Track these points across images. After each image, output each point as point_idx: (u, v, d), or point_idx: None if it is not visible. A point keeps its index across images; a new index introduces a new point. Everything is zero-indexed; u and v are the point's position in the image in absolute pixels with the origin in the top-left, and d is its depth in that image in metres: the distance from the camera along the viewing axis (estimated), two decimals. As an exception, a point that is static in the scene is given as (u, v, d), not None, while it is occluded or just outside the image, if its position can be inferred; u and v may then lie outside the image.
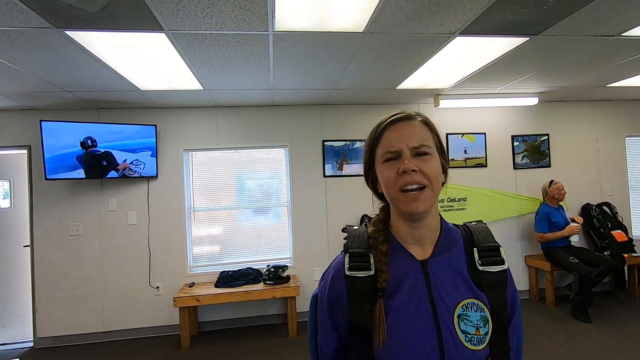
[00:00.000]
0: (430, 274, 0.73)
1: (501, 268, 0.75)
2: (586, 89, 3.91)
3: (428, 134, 0.76)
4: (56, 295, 3.63)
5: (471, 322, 0.70)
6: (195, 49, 2.38)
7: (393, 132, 0.75)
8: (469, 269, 0.75)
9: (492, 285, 0.74)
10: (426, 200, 0.72)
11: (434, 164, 0.73)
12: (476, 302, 0.72)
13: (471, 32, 2.29)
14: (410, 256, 0.75)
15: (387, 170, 0.74)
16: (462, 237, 0.79)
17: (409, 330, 0.69)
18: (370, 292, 0.72)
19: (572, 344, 3.11)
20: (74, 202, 3.69)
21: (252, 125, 4.00)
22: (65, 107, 3.63)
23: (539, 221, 3.95)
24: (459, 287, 0.73)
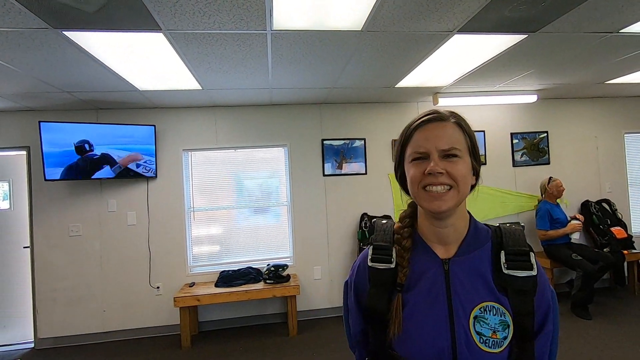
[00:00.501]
0: (451, 273, 0.74)
1: (529, 274, 0.72)
2: (585, 86, 3.91)
3: (460, 135, 0.76)
4: (56, 296, 3.64)
5: (488, 324, 0.70)
6: (193, 49, 2.38)
7: (423, 133, 0.76)
8: (493, 272, 0.74)
9: (517, 291, 0.72)
10: (450, 200, 0.72)
11: (462, 166, 0.73)
12: (496, 306, 0.71)
13: (469, 29, 2.29)
14: (432, 254, 0.77)
15: (414, 168, 0.75)
16: (491, 239, 0.78)
17: (423, 325, 0.71)
18: (390, 284, 0.76)
19: (572, 341, 3.12)
20: (74, 202, 3.69)
21: (251, 124, 4.00)
22: (64, 108, 3.63)
23: (541, 218, 3.91)
24: (479, 289, 0.73)
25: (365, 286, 0.80)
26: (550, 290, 0.77)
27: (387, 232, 0.81)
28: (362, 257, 0.84)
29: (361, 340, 0.83)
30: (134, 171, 3.60)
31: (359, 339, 0.83)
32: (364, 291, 0.80)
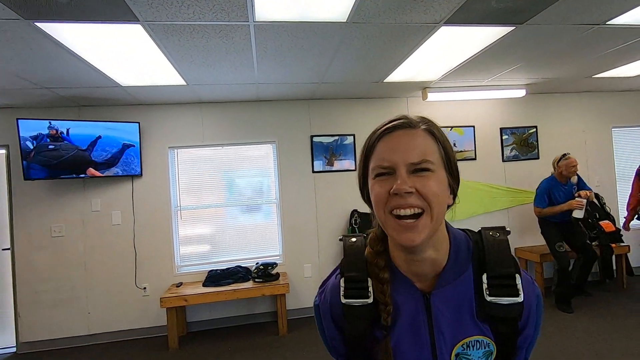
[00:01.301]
0: (433, 308, 0.65)
1: (514, 301, 0.63)
2: (573, 80, 3.92)
3: (433, 145, 0.63)
4: (39, 298, 3.54)
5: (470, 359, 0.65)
6: (174, 41, 2.31)
7: (388, 143, 0.63)
8: (476, 300, 0.65)
9: (500, 319, 0.64)
10: (423, 231, 0.60)
11: (435, 182, 0.61)
12: (480, 339, 0.64)
13: (456, 21, 2.25)
14: (410, 285, 0.67)
15: (378, 187, 0.62)
16: (472, 261, 0.67)
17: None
18: (367, 318, 0.66)
19: (561, 336, 3.12)
20: (56, 202, 3.58)
21: (238, 121, 3.92)
22: (45, 105, 3.52)
23: (539, 195, 3.76)
24: (463, 322, 0.65)
25: (340, 319, 0.70)
26: (534, 296, 0.68)
27: (359, 257, 0.69)
28: (333, 289, 0.72)
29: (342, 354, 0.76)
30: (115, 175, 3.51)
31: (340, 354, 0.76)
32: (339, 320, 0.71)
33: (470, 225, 3.17)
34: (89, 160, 3.40)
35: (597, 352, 2.78)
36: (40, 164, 3.23)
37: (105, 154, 3.47)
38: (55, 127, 3.27)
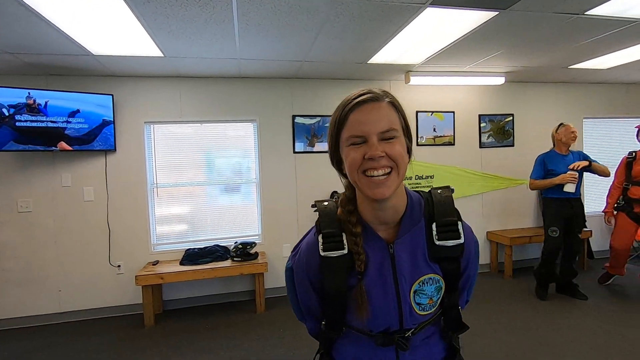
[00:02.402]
0: (395, 254, 0.79)
1: (457, 242, 0.79)
2: (550, 69, 4.02)
3: (395, 115, 0.75)
4: (6, 276, 3.41)
5: (426, 294, 0.80)
6: (150, 9, 2.19)
7: (360, 115, 0.73)
8: (428, 244, 0.79)
9: (447, 258, 0.79)
10: (392, 185, 0.72)
11: (400, 146, 0.73)
12: (432, 277, 0.79)
13: (442, 2, 2.24)
14: (377, 238, 0.79)
15: (353, 153, 0.72)
16: (423, 214, 0.81)
17: (376, 306, 0.78)
18: (343, 268, 0.77)
19: (524, 312, 3.31)
20: (23, 176, 3.41)
21: (218, 98, 3.82)
22: (9, 72, 3.29)
23: (534, 167, 3.60)
24: (419, 265, 0.79)
25: (317, 275, 0.81)
26: (473, 242, 0.85)
27: (333, 217, 0.80)
28: (309, 247, 0.82)
29: (316, 312, 0.87)
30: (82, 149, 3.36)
31: (314, 311, 0.87)
32: (315, 277, 0.82)
33: None
34: (62, 134, 3.23)
35: (556, 328, 2.98)
36: (11, 127, 3.04)
37: (82, 130, 3.31)
38: (33, 97, 3.09)
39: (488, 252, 4.57)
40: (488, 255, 4.57)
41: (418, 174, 4.30)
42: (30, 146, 3.14)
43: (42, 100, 3.15)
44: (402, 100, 0.80)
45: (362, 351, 0.83)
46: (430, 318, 0.83)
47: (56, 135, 3.22)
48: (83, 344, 3.05)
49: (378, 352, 0.81)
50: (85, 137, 3.34)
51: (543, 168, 3.53)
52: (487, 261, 4.57)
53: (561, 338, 2.83)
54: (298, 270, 0.86)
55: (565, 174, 3.33)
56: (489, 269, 4.55)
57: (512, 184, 4.59)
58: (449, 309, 0.85)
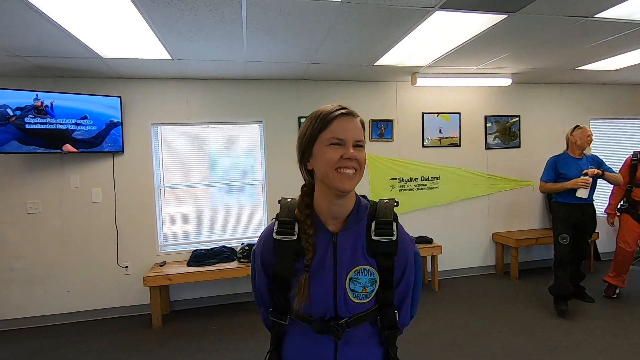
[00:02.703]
0: (338, 245, 0.91)
1: (389, 239, 0.91)
2: (557, 71, 4.00)
3: (362, 131, 0.91)
4: (14, 276, 3.44)
5: (360, 283, 0.90)
6: (160, 13, 2.20)
7: (343, 123, 0.88)
8: (366, 240, 0.92)
9: (381, 253, 0.91)
10: (355, 181, 0.88)
11: (364, 154, 0.90)
12: (367, 268, 0.91)
13: (451, 6, 2.24)
14: (325, 229, 0.92)
15: (332, 152, 0.86)
16: (367, 213, 0.95)
17: (315, 288, 0.89)
18: (290, 252, 0.90)
19: (531, 314, 3.31)
20: (32, 177, 3.44)
21: (225, 99, 3.83)
22: (18, 74, 3.32)
23: (545, 169, 3.43)
24: (357, 255, 0.91)
25: (269, 255, 0.94)
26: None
27: (291, 209, 0.94)
28: (268, 230, 0.97)
29: (268, 297, 0.99)
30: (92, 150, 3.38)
31: (267, 296, 0.99)
32: (269, 259, 0.95)
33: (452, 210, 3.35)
34: (68, 136, 3.26)
35: (565, 330, 2.98)
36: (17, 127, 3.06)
37: (90, 132, 3.34)
38: (40, 99, 3.11)
39: (494, 253, 4.56)
40: (494, 256, 4.56)
41: (424, 175, 4.30)
42: (34, 147, 3.15)
43: (49, 102, 3.17)
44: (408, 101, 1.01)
45: (304, 343, 0.93)
46: (365, 311, 0.91)
47: (62, 137, 3.24)
48: (91, 345, 3.08)
49: (319, 345, 0.91)
50: (93, 140, 3.36)
51: (554, 171, 3.35)
52: (493, 262, 4.56)
53: (568, 340, 2.83)
54: (258, 253, 0.99)
55: (577, 179, 3.17)
56: (495, 271, 4.55)
57: (518, 185, 4.58)
58: (385, 307, 0.93)
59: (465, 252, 4.49)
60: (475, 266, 4.53)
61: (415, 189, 4.28)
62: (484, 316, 3.32)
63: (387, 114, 4.21)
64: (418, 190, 4.29)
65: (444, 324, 3.19)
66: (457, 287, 4.13)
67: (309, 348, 0.93)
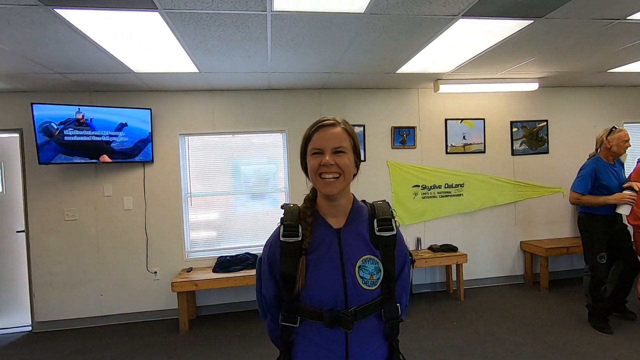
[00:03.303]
0: (342, 238, 1.00)
1: (391, 233, 1.02)
2: (587, 74, 3.87)
3: (346, 137, 1.00)
4: (53, 280, 3.62)
5: (367, 270, 0.98)
6: (190, 30, 2.30)
7: (320, 134, 0.99)
8: (370, 234, 1.02)
9: (384, 245, 1.01)
10: (338, 185, 0.97)
11: (346, 159, 0.98)
12: (372, 257, 0.99)
13: (475, 14, 2.23)
14: (328, 226, 1.02)
15: (313, 161, 0.98)
16: (367, 212, 1.06)
17: (323, 278, 0.96)
18: (296, 252, 0.98)
19: (564, 327, 3.17)
20: (69, 186, 3.64)
21: (249, 109, 3.93)
22: (57, 90, 3.54)
23: (581, 178, 3.02)
24: (361, 247, 1.00)
25: (277, 257, 1.01)
26: (405, 249, 1.08)
27: (294, 213, 1.04)
28: (274, 235, 1.05)
29: (274, 304, 1.05)
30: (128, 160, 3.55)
31: (273, 303, 1.05)
32: (276, 261, 1.01)
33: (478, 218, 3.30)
34: (104, 147, 3.44)
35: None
36: (58, 143, 3.27)
37: (125, 144, 3.52)
38: (82, 112, 3.33)
39: (522, 263, 4.42)
40: (522, 266, 4.42)
41: (448, 183, 4.24)
42: (76, 158, 3.35)
43: (89, 115, 3.37)
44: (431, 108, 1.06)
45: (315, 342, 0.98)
46: (372, 300, 0.98)
47: (100, 148, 3.42)
48: (122, 348, 3.20)
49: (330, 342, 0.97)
50: (129, 151, 3.54)
51: (592, 180, 2.97)
52: (521, 272, 4.42)
53: (606, 356, 2.69)
54: (265, 258, 1.06)
55: (624, 194, 2.84)
56: (523, 280, 4.40)
57: (547, 192, 4.43)
58: (388, 300, 1.01)
59: (492, 261, 4.37)
60: (502, 275, 4.40)
61: (438, 196, 4.23)
62: (514, 328, 3.22)
63: (410, 121, 4.19)
64: (442, 198, 4.23)
65: (472, 336, 3.11)
66: (484, 297, 4.02)
67: (320, 347, 0.98)
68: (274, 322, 1.06)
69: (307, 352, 0.99)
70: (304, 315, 0.97)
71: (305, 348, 1.00)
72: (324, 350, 0.97)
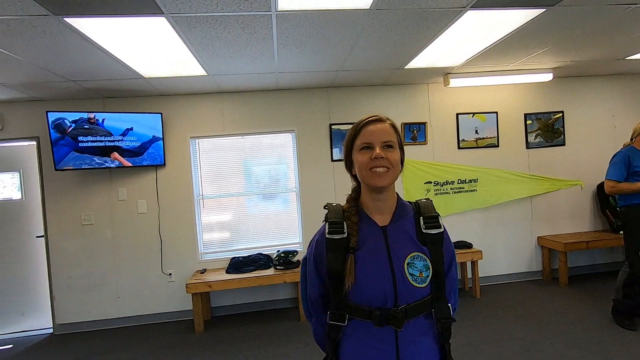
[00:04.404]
0: (388, 236, 0.99)
1: (438, 231, 1.01)
2: (603, 62, 3.74)
3: (393, 133, 1.00)
4: (72, 283, 3.72)
5: (416, 267, 0.96)
6: (196, 33, 2.32)
7: (369, 129, 0.99)
8: (416, 232, 1.01)
9: (432, 243, 1.00)
10: (388, 178, 0.97)
11: (395, 154, 0.98)
12: (420, 255, 0.98)
13: (484, 4, 2.18)
14: (373, 223, 1.01)
15: (362, 156, 0.98)
16: (412, 210, 1.05)
17: (371, 275, 0.95)
18: (343, 249, 0.97)
19: (585, 324, 3.08)
20: (85, 191, 3.72)
21: (257, 110, 3.94)
22: (71, 97, 3.62)
23: (614, 165, 2.94)
24: (408, 244, 0.99)
25: (323, 255, 1.00)
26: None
27: (338, 211, 1.04)
28: (319, 233, 1.06)
29: (320, 304, 1.04)
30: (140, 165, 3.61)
31: (319, 303, 1.04)
32: (322, 259, 1.01)
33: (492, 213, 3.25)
34: (115, 145, 3.52)
35: None
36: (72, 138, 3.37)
37: (134, 143, 3.58)
38: (94, 114, 3.44)
39: (540, 258, 4.31)
40: (540, 261, 4.31)
41: (461, 178, 4.16)
42: (87, 155, 3.43)
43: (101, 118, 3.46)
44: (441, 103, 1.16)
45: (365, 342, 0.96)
46: (422, 298, 0.95)
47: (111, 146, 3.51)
48: (139, 349, 3.25)
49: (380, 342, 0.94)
50: (138, 150, 3.62)
51: (626, 167, 2.85)
52: (539, 268, 4.31)
53: (631, 354, 2.60)
54: (310, 257, 1.05)
55: None
56: (541, 276, 4.29)
57: (565, 185, 4.31)
58: (438, 299, 0.98)
59: (508, 257, 4.28)
60: (520, 272, 4.30)
61: (452, 192, 4.16)
62: (533, 326, 3.14)
63: (420, 117, 4.13)
64: (455, 194, 4.16)
65: (489, 334, 3.05)
66: (500, 294, 3.94)
67: (369, 346, 0.95)
68: (320, 323, 1.04)
69: (356, 352, 0.97)
70: (353, 313, 0.95)
71: (354, 349, 0.97)
72: (373, 349, 0.95)
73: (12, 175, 3.84)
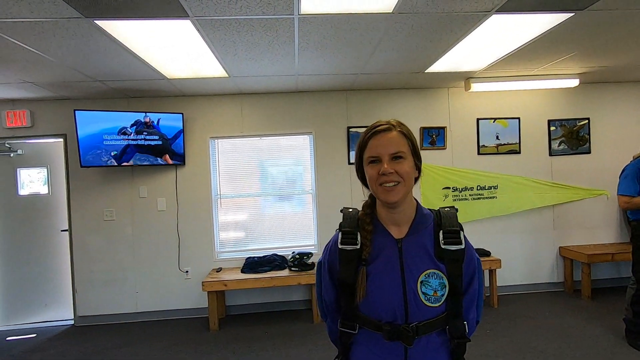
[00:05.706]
0: (403, 249, 0.94)
1: (459, 247, 0.94)
2: (632, 68, 3.61)
3: (404, 141, 0.94)
4: (93, 277, 3.83)
5: (431, 286, 0.92)
6: (220, 35, 2.36)
7: (375, 141, 0.94)
8: (434, 246, 0.95)
9: (450, 260, 0.93)
10: (399, 193, 0.91)
11: (407, 165, 0.92)
12: (437, 272, 0.93)
13: (509, 9, 2.14)
14: (388, 235, 0.96)
15: (371, 170, 0.93)
16: (432, 221, 0.98)
17: (382, 290, 0.92)
18: (355, 260, 0.95)
19: (609, 340, 2.97)
20: (107, 188, 3.83)
21: (276, 112, 3.97)
22: (97, 97, 3.74)
23: (625, 179, 2.87)
24: (425, 260, 0.94)
25: (336, 264, 0.99)
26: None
27: (353, 219, 1.00)
28: (333, 241, 1.03)
29: (335, 308, 1.02)
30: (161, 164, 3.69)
31: (333, 307, 1.03)
32: (335, 268, 0.99)
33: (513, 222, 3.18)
34: (168, 149, 3.68)
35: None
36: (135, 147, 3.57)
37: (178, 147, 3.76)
38: (149, 116, 3.61)
39: (562, 269, 4.18)
40: (562, 273, 4.18)
41: (480, 185, 4.08)
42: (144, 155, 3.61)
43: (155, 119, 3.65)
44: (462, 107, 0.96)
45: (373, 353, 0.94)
46: (436, 316, 0.91)
47: (164, 150, 3.68)
48: (155, 344, 3.32)
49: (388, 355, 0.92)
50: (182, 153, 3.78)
51: (638, 179, 2.81)
52: (561, 279, 4.18)
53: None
54: (325, 263, 1.04)
55: None
56: (563, 288, 4.16)
57: (590, 194, 4.17)
58: (454, 317, 0.93)
59: (528, 267, 4.17)
60: (539, 282, 4.18)
61: (470, 199, 4.08)
62: (553, 338, 3.05)
63: (439, 121, 4.08)
64: (474, 200, 4.08)
65: (506, 345, 2.98)
66: (520, 304, 3.83)
67: (379, 357, 0.94)
68: (334, 324, 1.03)
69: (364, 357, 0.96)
70: (363, 324, 0.94)
71: (364, 356, 0.96)
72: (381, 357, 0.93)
73: (39, 171, 3.99)
